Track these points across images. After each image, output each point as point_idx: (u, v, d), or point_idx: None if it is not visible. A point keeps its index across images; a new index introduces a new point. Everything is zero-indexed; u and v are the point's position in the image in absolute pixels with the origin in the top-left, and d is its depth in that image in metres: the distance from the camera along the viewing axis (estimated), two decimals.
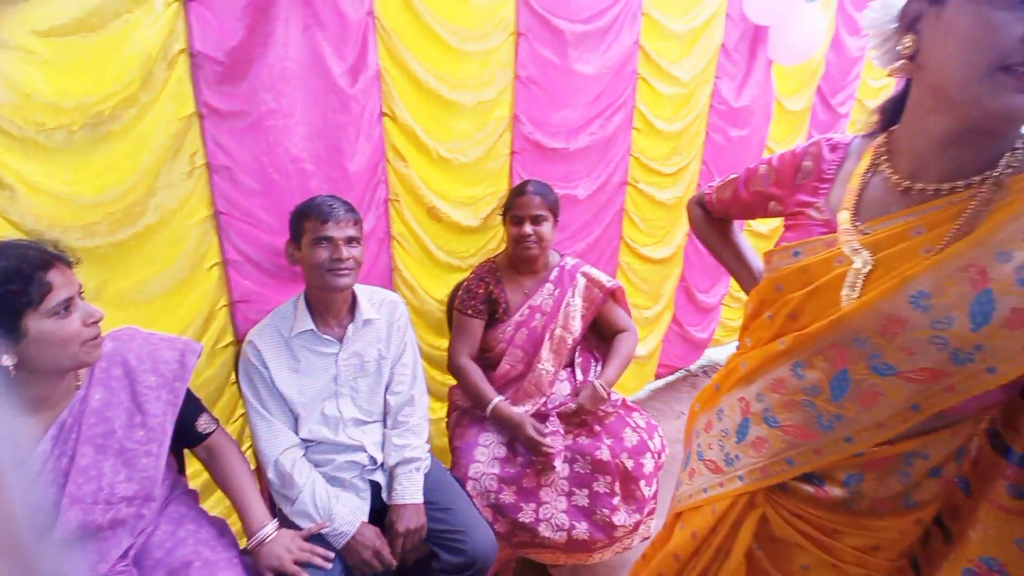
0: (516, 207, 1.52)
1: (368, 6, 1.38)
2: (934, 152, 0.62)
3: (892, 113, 0.69)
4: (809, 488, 0.72)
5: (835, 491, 0.70)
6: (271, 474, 1.18)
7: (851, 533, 0.71)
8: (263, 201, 1.34)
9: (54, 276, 0.80)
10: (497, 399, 1.50)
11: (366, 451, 1.27)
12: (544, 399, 1.57)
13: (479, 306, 1.57)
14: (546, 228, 1.51)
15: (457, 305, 1.60)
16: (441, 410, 1.83)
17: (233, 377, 1.38)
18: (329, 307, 1.24)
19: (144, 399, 0.94)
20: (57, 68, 1.02)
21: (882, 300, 0.61)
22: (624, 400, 1.65)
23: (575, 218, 2.02)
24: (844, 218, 0.67)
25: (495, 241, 1.86)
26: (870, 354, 0.63)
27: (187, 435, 1.06)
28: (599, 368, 1.63)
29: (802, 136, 2.77)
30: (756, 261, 0.99)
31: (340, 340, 1.25)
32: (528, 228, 1.50)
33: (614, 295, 1.64)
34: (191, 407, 1.05)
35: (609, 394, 1.51)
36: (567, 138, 1.89)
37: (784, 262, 0.72)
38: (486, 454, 1.47)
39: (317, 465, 1.23)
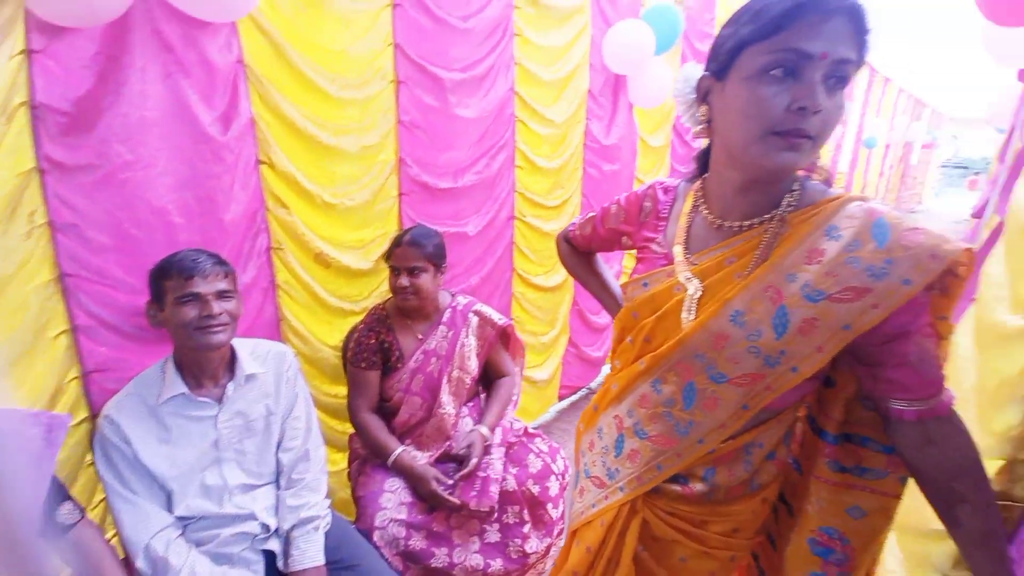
0: (394, 258, 1.52)
1: (237, 54, 1.35)
2: (735, 196, 0.74)
3: (703, 163, 0.82)
4: (677, 488, 0.82)
5: (697, 486, 0.80)
6: (141, 563, 1.05)
7: (715, 520, 0.81)
8: (120, 259, 1.22)
9: None
10: (399, 450, 1.48)
11: (257, 519, 1.18)
12: (448, 442, 1.58)
13: (372, 357, 1.54)
14: (424, 279, 1.50)
15: (350, 359, 1.56)
16: (342, 460, 1.76)
17: (89, 458, 1.22)
18: (204, 367, 1.16)
19: None
20: None
21: (710, 320, 0.72)
22: (525, 428, 1.71)
23: (467, 254, 2.08)
24: (678, 251, 0.79)
25: (387, 284, 1.85)
26: (707, 366, 0.74)
27: (44, 527, 0.92)
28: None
29: (665, 168, 3.12)
30: (620, 290, 1.11)
31: (219, 401, 1.17)
32: (404, 280, 1.49)
33: (505, 332, 1.70)
34: (59, 494, 0.93)
35: (492, 439, 1.56)
36: (454, 178, 1.96)
37: (636, 292, 0.83)
38: (392, 500, 1.43)
39: (199, 543, 1.12)
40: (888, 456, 0.76)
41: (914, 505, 0.72)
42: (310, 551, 1.18)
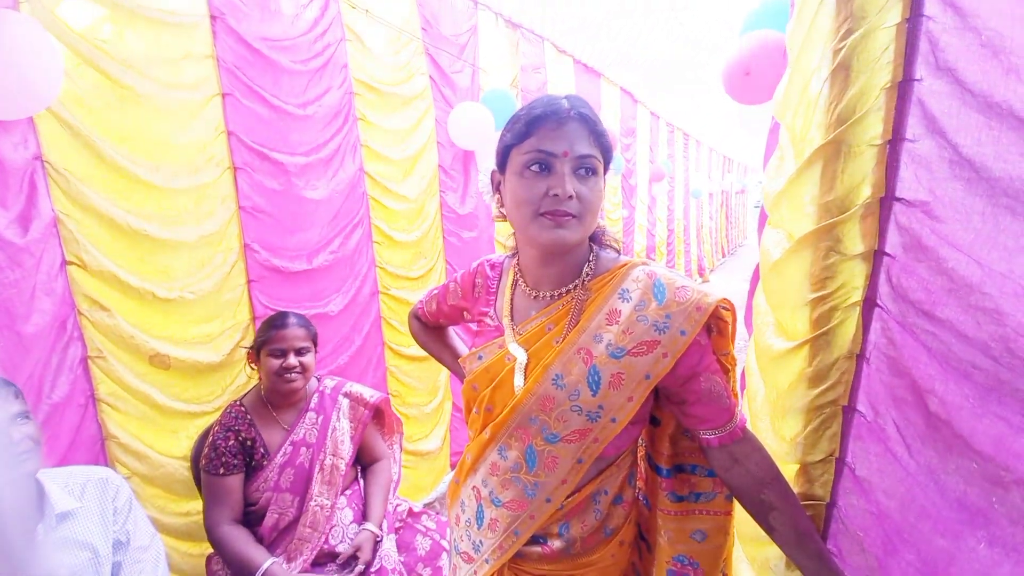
0: (276, 340, 1.45)
1: (34, 150, 1.23)
2: (539, 269, 0.83)
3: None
4: (538, 549, 0.84)
5: (555, 543, 0.84)
6: None
7: (579, 573, 0.85)
8: None
9: None
10: (268, 562, 1.32)
11: None
12: (324, 536, 1.45)
13: (232, 461, 1.39)
14: (309, 359, 1.48)
15: (204, 467, 1.39)
16: None
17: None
18: None
19: None
20: None
21: (536, 385, 0.78)
22: (410, 508, 1.64)
23: (332, 333, 2.01)
24: (507, 323, 0.86)
25: (244, 376, 1.72)
26: (542, 427, 0.79)
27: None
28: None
29: None
30: (457, 350, 1.16)
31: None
32: (293, 359, 1.44)
33: (379, 409, 1.65)
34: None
35: (381, 534, 1.50)
36: (308, 259, 1.92)
37: (474, 365, 0.87)
38: None
39: None
40: (714, 479, 0.85)
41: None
42: None
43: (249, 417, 1.45)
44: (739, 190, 13.98)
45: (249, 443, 1.42)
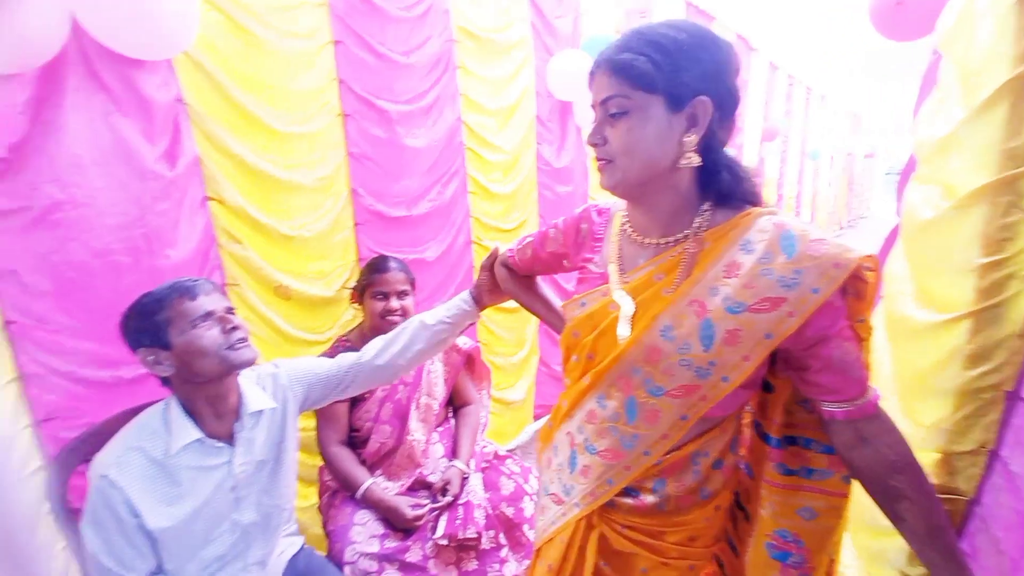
0: (379, 283, 1.53)
1: (176, 92, 1.38)
2: (642, 217, 0.80)
3: None
4: (630, 500, 0.82)
5: (648, 498, 0.81)
6: None
7: (670, 531, 0.82)
8: (60, 303, 1.20)
9: None
10: (368, 482, 1.45)
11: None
12: (419, 469, 1.56)
13: None
14: (409, 302, 1.55)
15: None
16: (313, 495, 1.71)
17: (46, 508, 1.16)
18: (221, 402, 1.03)
19: None
20: None
21: (643, 335, 0.74)
22: (496, 451, 1.70)
23: (428, 280, 2.09)
24: (612, 270, 0.82)
25: (351, 312, 1.85)
26: (645, 380, 0.76)
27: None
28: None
29: None
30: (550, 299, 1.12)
31: (230, 442, 1.06)
32: (395, 303, 1.52)
33: (471, 357, 1.71)
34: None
35: (469, 472, 1.56)
36: (408, 206, 2.00)
37: (575, 312, 0.84)
38: (363, 533, 1.39)
39: None
40: (831, 456, 0.78)
41: (867, 502, 0.74)
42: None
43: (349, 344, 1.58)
44: (868, 153, 12.29)
45: None
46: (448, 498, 1.47)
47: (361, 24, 1.76)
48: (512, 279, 1.12)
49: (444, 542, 1.40)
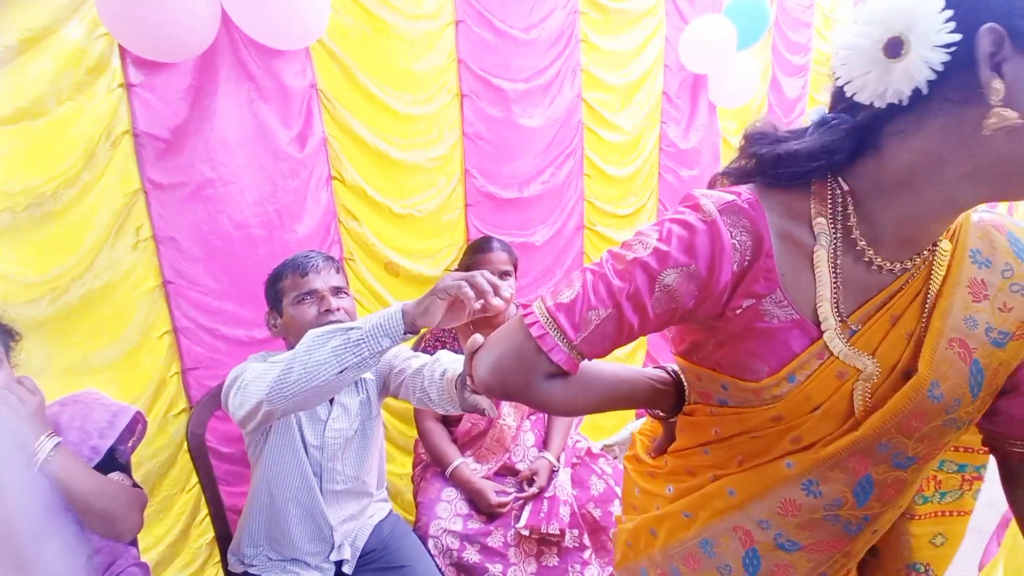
0: (482, 263, 1.52)
1: (311, 79, 1.47)
2: (917, 226, 0.54)
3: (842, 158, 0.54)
4: None
5: None
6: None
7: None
8: (208, 268, 1.37)
9: None
10: (458, 461, 1.47)
11: None
12: (507, 454, 1.55)
13: None
14: (511, 283, 1.54)
15: None
16: (408, 464, 1.80)
17: (186, 445, 1.36)
18: None
19: None
20: (3, 155, 1.07)
21: (905, 402, 0.55)
22: (588, 448, 1.64)
23: (535, 264, 2.06)
24: (826, 314, 0.55)
25: None
26: (893, 454, 0.58)
27: None
28: None
29: None
30: (637, 370, 0.75)
31: (329, 402, 1.16)
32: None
33: None
34: (109, 465, 0.98)
35: (558, 466, 1.52)
36: (519, 188, 1.96)
37: (782, 391, 0.57)
38: (448, 510, 1.43)
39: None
40: (963, 475, 0.70)
41: None
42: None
43: (453, 332, 1.59)
44: None
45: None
46: (534, 489, 1.45)
47: (484, 1, 1.72)
48: (566, 389, 0.63)
49: (526, 532, 1.39)
